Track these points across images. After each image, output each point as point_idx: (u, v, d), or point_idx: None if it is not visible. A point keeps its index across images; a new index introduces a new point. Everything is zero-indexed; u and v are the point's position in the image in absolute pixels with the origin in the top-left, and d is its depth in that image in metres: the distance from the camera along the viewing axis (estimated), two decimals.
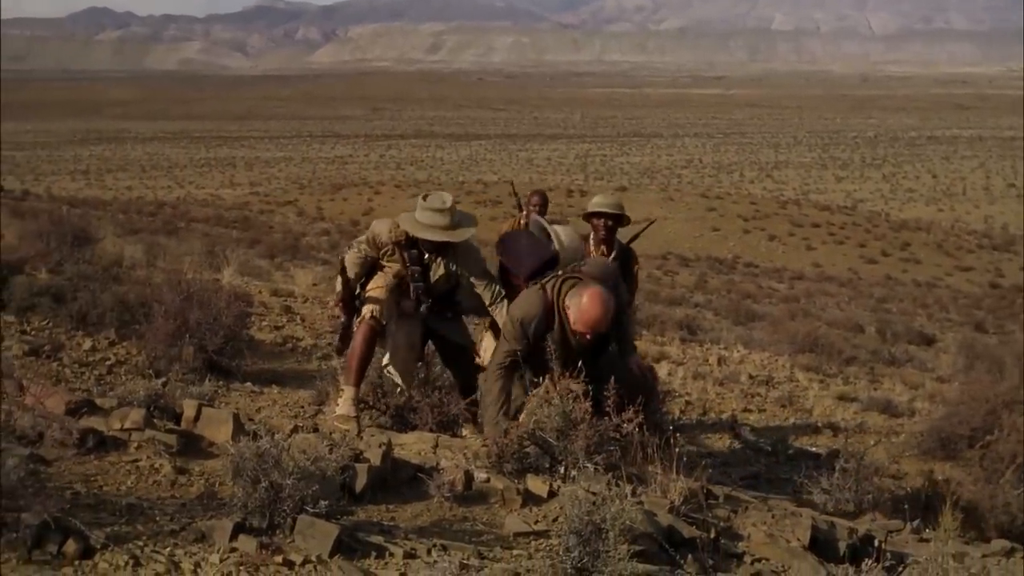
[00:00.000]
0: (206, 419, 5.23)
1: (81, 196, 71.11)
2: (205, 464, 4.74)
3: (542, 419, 5.10)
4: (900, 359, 18.23)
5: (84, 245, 13.45)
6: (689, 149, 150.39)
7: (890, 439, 10.33)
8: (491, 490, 4.78)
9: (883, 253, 65.03)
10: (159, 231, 36.37)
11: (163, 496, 4.27)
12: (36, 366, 7.72)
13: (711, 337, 17.81)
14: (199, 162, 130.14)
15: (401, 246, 6.79)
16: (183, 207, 66.29)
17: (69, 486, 4.11)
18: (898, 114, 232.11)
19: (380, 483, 4.66)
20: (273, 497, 3.91)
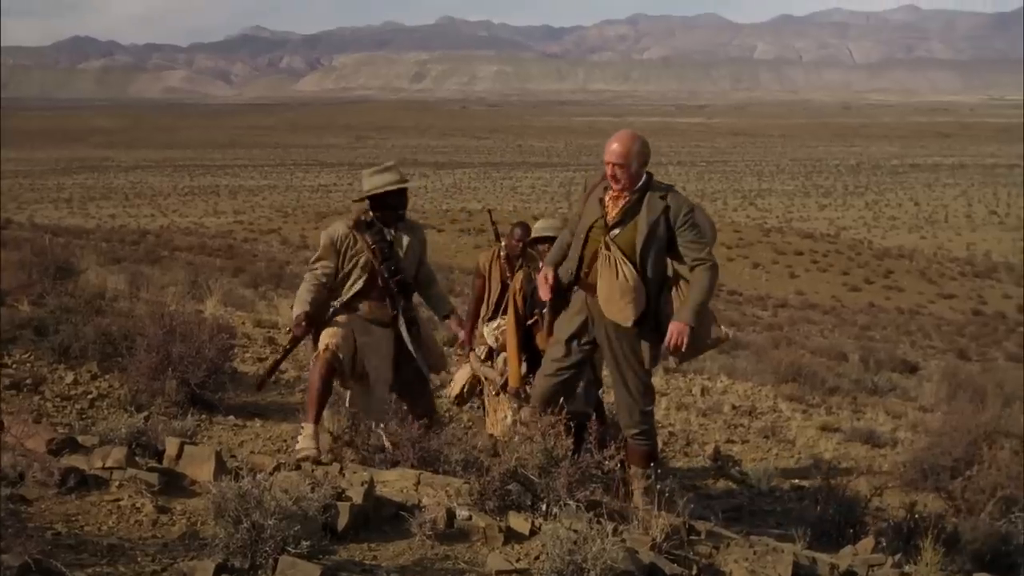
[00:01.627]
0: (188, 457, 5.22)
1: (64, 224, 70.98)
2: (187, 503, 4.74)
3: (524, 456, 5.11)
4: (883, 388, 18.24)
5: (67, 276, 13.42)
6: (673, 177, 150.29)
7: (872, 470, 10.35)
8: (473, 528, 4.79)
9: (866, 280, 65.29)
10: (142, 260, 36.28)
11: (144, 536, 4.27)
12: (18, 400, 7.70)
13: (694, 367, 17.78)
14: (183, 190, 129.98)
15: (361, 230, 7.00)
16: (166, 236, 66.20)
17: (50, 526, 4.11)
18: (880, 142, 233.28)
19: (362, 521, 4.66)
20: (255, 537, 3.91)
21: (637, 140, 6.37)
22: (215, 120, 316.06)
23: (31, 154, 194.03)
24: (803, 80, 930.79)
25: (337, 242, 7.00)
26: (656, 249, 6.30)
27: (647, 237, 6.25)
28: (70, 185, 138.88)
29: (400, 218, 7.13)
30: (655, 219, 6.25)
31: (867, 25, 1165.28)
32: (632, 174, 6.32)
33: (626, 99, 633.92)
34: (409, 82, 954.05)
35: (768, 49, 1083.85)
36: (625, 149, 6.28)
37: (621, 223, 6.32)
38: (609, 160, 6.30)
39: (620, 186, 6.33)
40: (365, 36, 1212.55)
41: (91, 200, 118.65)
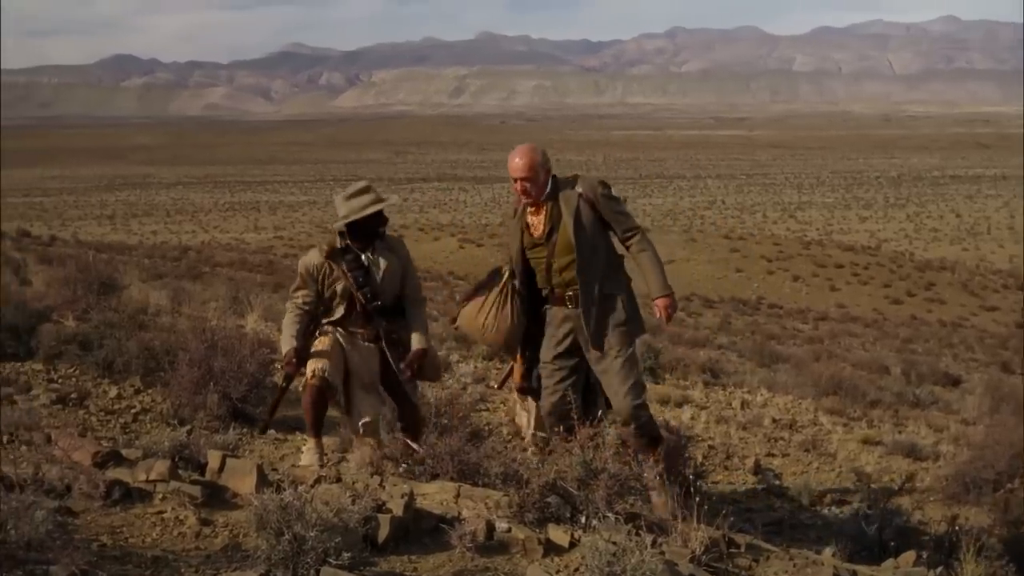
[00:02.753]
0: (230, 470, 5.28)
1: (107, 241, 71.60)
2: (229, 515, 4.80)
3: (563, 469, 5.14)
4: (925, 401, 18.09)
5: (110, 292, 13.60)
6: (712, 190, 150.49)
7: (914, 483, 10.28)
8: (512, 540, 4.81)
9: (908, 293, 64.81)
10: (184, 276, 36.45)
11: (188, 548, 4.33)
12: (63, 415, 7.79)
13: (734, 380, 17.72)
14: (223, 206, 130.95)
15: (335, 259, 6.95)
16: (207, 252, 66.61)
17: (96, 538, 4.17)
18: (921, 153, 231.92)
19: (402, 534, 4.70)
20: (297, 549, 3.96)
21: (538, 151, 6.58)
22: (255, 136, 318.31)
23: (75, 171, 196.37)
24: (843, 92, 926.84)
25: (313, 271, 6.99)
26: (592, 236, 6.51)
27: (576, 229, 6.44)
28: (113, 202, 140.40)
29: (379, 237, 7.06)
30: (575, 209, 6.46)
31: (907, 36, 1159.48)
32: (540, 184, 6.51)
33: (664, 112, 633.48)
34: (448, 97, 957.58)
35: (807, 61, 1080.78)
36: (529, 161, 6.48)
37: (551, 232, 6.54)
38: (517, 176, 6.50)
39: (531, 199, 6.53)
40: (404, 52, 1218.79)
41: (133, 216, 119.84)
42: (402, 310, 7.09)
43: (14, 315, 9.80)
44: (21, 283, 16.64)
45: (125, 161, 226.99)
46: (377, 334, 6.98)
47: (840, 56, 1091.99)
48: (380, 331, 6.96)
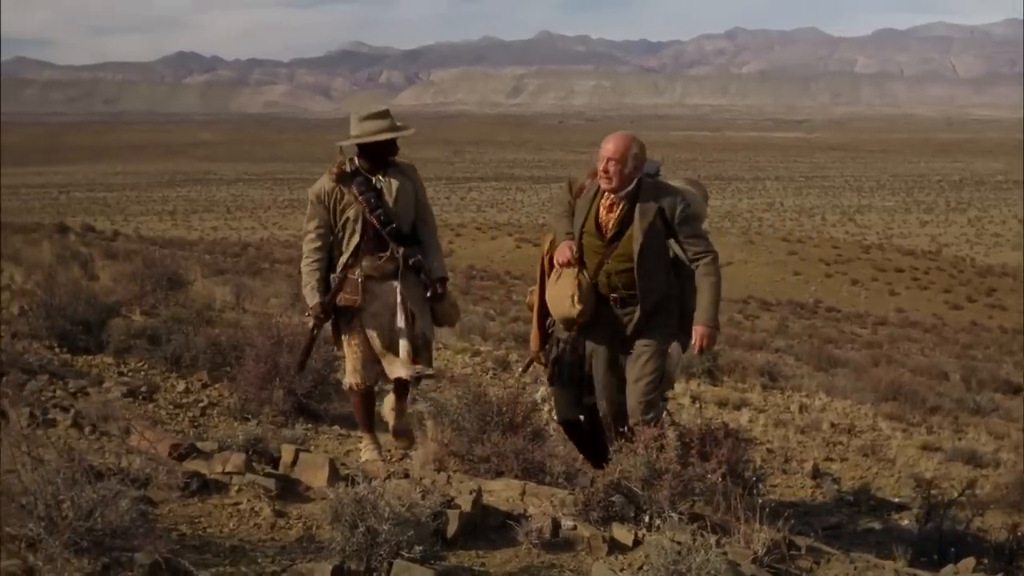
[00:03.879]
0: (303, 464, 5.43)
1: (167, 236, 72.43)
2: (302, 508, 4.93)
3: (627, 468, 5.22)
4: (985, 408, 17.99)
5: (177, 288, 13.82)
6: (770, 192, 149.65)
7: (974, 491, 10.24)
8: (577, 538, 4.90)
9: (968, 299, 64.09)
10: (243, 272, 36.86)
11: (263, 539, 4.47)
12: (134, 407, 7.95)
13: (792, 384, 17.72)
14: (282, 203, 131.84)
15: (345, 182, 6.77)
16: (266, 248, 67.15)
17: (176, 527, 4.32)
18: (984, 158, 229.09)
19: (470, 529, 4.80)
20: (370, 541, 4.08)
21: (635, 142, 6.40)
22: (315, 134, 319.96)
23: (138, 167, 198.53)
24: (905, 95, 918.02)
25: (324, 197, 6.81)
26: (656, 254, 6.37)
27: (643, 245, 6.28)
28: (174, 197, 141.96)
29: (390, 164, 6.89)
30: (649, 223, 6.30)
31: (970, 39, 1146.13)
32: (625, 175, 6.31)
33: (724, 113, 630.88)
34: (506, 96, 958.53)
35: (869, 63, 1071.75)
36: (622, 146, 6.31)
37: (618, 235, 6.36)
38: (604, 155, 6.31)
39: (611, 184, 6.32)
40: (463, 51, 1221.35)
41: (194, 212, 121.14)
42: (418, 239, 6.94)
43: (86, 310, 9.98)
44: (89, 278, 16.92)
45: (186, 157, 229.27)
46: (396, 267, 6.79)
47: (902, 58, 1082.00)
48: (398, 260, 6.76)
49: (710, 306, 6.34)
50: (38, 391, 7.46)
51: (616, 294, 6.41)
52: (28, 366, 7.72)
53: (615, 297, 6.42)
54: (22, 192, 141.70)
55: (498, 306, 36.42)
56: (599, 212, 6.41)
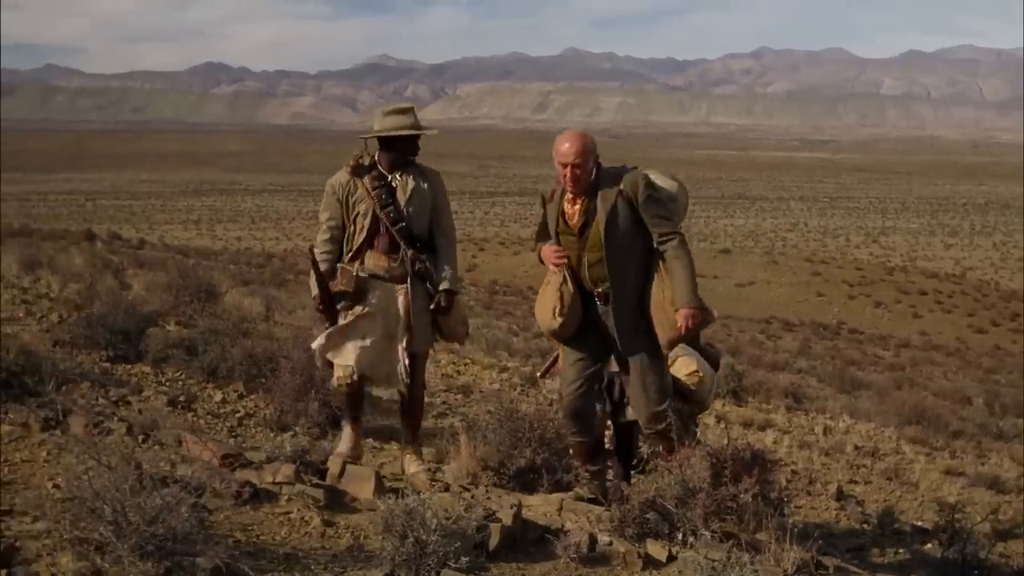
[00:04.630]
0: (350, 476, 5.63)
1: (192, 245, 72.81)
2: (350, 518, 5.12)
3: (662, 487, 5.38)
4: (1008, 434, 18.05)
5: (210, 299, 14.03)
6: (795, 213, 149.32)
7: (998, 516, 10.34)
8: (613, 553, 5.06)
9: (992, 323, 63.83)
10: (268, 283, 37.07)
11: (315, 547, 4.65)
12: (173, 417, 8.13)
13: (816, 406, 17.84)
14: (307, 215, 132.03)
15: (360, 175, 6.71)
16: (290, 259, 67.43)
17: (231, 534, 4.49)
18: (1010, 181, 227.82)
19: (511, 542, 4.96)
20: (419, 552, 4.27)
21: (588, 137, 6.32)
22: (341, 146, 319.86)
23: (163, 176, 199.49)
24: (931, 117, 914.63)
25: (338, 189, 6.75)
26: (627, 236, 6.22)
27: (608, 230, 6.16)
28: (199, 207, 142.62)
29: (409, 163, 6.78)
30: (611, 207, 6.18)
31: (997, 62, 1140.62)
32: (589, 172, 6.22)
33: (749, 133, 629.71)
34: (532, 112, 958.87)
35: (895, 85, 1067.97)
36: (580, 146, 6.21)
37: (585, 225, 6.27)
38: (567, 162, 6.19)
39: (578, 187, 6.24)
40: (490, 66, 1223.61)
41: (219, 222, 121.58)
42: (433, 246, 6.82)
43: (125, 319, 10.16)
44: (121, 287, 17.12)
45: (213, 167, 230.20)
46: (404, 271, 6.68)
47: (929, 80, 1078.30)
48: (406, 262, 6.66)
49: (686, 287, 6.17)
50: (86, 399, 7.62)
51: (600, 288, 6.30)
52: (71, 375, 7.86)
53: (599, 292, 6.31)
54: (49, 198, 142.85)
55: (521, 321, 36.51)
56: (565, 210, 6.36)
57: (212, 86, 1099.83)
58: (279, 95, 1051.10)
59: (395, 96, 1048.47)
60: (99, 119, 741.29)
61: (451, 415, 10.76)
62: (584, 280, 6.33)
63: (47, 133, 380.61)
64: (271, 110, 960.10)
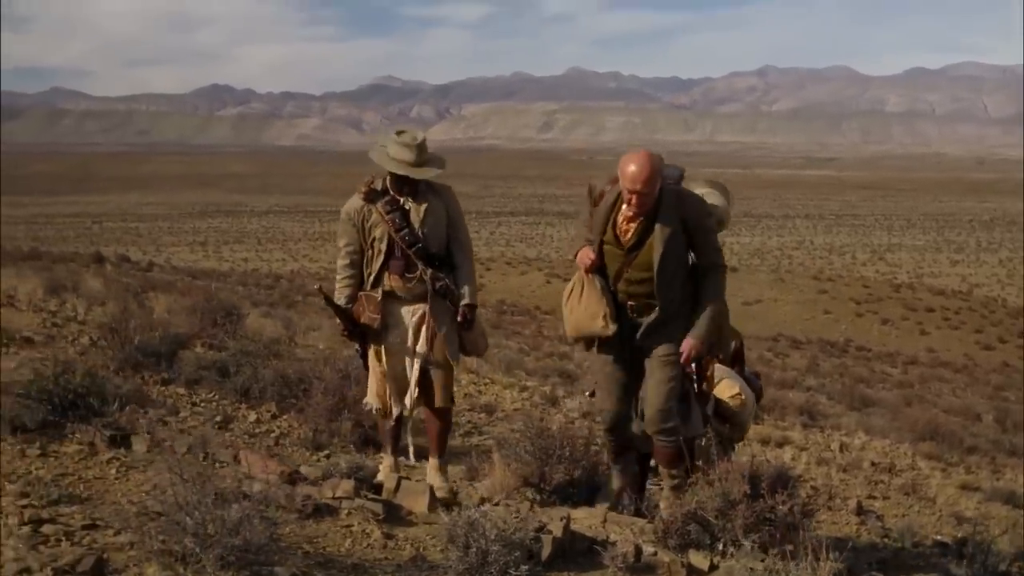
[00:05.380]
0: (405, 491, 5.88)
1: (199, 267, 73.11)
2: (408, 531, 5.37)
3: (703, 499, 5.60)
4: (1021, 450, 18.24)
5: (233, 321, 14.25)
6: (800, 230, 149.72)
7: (1015, 531, 10.52)
8: (658, 563, 5.29)
9: (1000, 339, 63.94)
10: (278, 304, 37.27)
11: (379, 558, 4.89)
12: (216, 437, 8.34)
13: (831, 423, 18.05)
14: (313, 236, 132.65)
15: (373, 200, 6.74)
16: (299, 280, 67.71)
17: (299, 546, 4.72)
18: (1015, 197, 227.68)
19: (561, 553, 5.19)
20: (481, 561, 4.51)
21: (656, 160, 6.05)
22: (346, 167, 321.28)
23: (169, 198, 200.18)
24: (935, 134, 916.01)
25: (353, 216, 6.81)
26: (675, 262, 6.13)
27: (663, 255, 6.04)
28: (205, 228, 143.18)
29: (418, 187, 6.78)
30: (670, 234, 6.05)
31: (1002, 79, 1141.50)
32: (654, 196, 6.04)
33: (754, 151, 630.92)
34: (537, 132, 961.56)
35: (900, 102, 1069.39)
36: (650, 173, 5.95)
37: (638, 244, 6.11)
38: (634, 189, 5.97)
39: (641, 211, 6.06)
40: (494, 86, 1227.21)
41: (225, 244, 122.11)
42: (451, 263, 6.87)
43: (159, 342, 10.39)
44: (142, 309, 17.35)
45: (218, 189, 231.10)
46: (423, 290, 6.74)
47: (933, 98, 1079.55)
48: (426, 282, 6.71)
49: (706, 321, 6.17)
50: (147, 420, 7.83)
51: (633, 302, 6.21)
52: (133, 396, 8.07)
53: (632, 305, 6.22)
54: (56, 221, 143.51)
55: (530, 341, 36.75)
56: (618, 222, 6.17)
57: (217, 108, 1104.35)
58: (284, 116, 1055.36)
59: (400, 117, 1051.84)
60: (105, 141, 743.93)
61: (477, 434, 10.97)
62: (617, 291, 6.23)
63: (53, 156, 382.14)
64: (276, 131, 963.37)
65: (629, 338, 6.27)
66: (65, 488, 5.35)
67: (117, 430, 6.38)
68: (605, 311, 6.16)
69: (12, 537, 4.40)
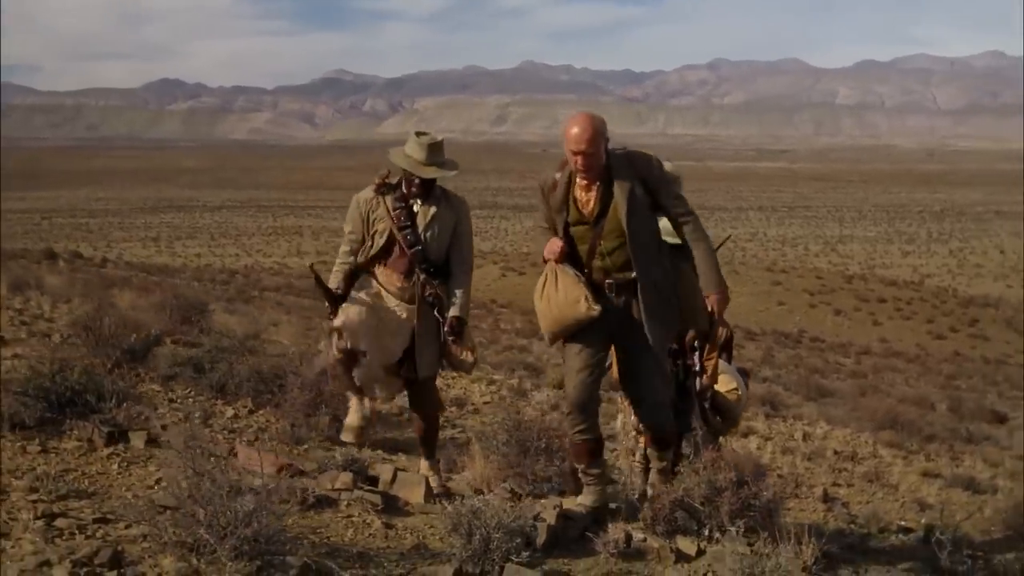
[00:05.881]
0: (401, 482, 6.05)
1: (152, 263, 72.67)
2: (406, 520, 5.56)
3: (690, 487, 5.78)
4: (977, 437, 18.60)
5: (204, 317, 14.30)
6: (753, 223, 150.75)
7: (975, 516, 10.78)
8: (648, 548, 5.49)
9: (951, 329, 64.78)
10: (235, 299, 37.17)
11: (381, 547, 5.06)
12: (204, 432, 8.42)
13: (794, 413, 18.32)
14: (266, 230, 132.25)
15: (384, 193, 6.67)
16: (254, 276, 67.48)
17: (304, 536, 4.86)
18: (964, 188, 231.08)
19: (554, 540, 5.41)
20: (484, 548, 4.67)
21: (598, 119, 5.95)
22: (299, 161, 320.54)
23: (120, 193, 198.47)
24: (886, 126, 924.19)
25: (362, 205, 6.76)
26: (644, 220, 5.94)
27: (629, 211, 5.86)
28: (157, 224, 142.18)
29: (431, 191, 6.72)
30: (630, 191, 5.89)
31: (951, 71, 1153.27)
32: (601, 157, 5.89)
33: (706, 144, 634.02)
34: (490, 125, 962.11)
35: (850, 94, 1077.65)
36: (592, 132, 5.83)
37: (603, 211, 5.92)
38: (577, 150, 5.83)
39: (592, 174, 5.91)
40: (447, 79, 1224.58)
41: (177, 239, 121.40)
42: (447, 274, 6.74)
43: (134, 339, 10.44)
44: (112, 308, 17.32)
45: (170, 184, 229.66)
46: (413, 294, 6.63)
47: (883, 90, 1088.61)
48: (419, 284, 6.61)
49: (713, 271, 6.02)
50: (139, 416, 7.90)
51: (611, 279, 5.98)
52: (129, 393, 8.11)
53: (610, 283, 5.98)
54: (5, 217, 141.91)
55: (488, 334, 36.83)
56: (577, 197, 6.00)
57: (168, 102, 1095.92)
58: (236, 111, 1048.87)
59: (353, 111, 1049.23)
60: (53, 136, 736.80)
61: (450, 427, 11.11)
62: (593, 270, 6.00)
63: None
64: (228, 126, 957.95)
65: (608, 324, 5.99)
66: (70, 483, 5.48)
67: (114, 426, 6.49)
68: (585, 293, 5.90)
69: (28, 531, 4.52)
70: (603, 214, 5.92)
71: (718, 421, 7.07)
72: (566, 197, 6.00)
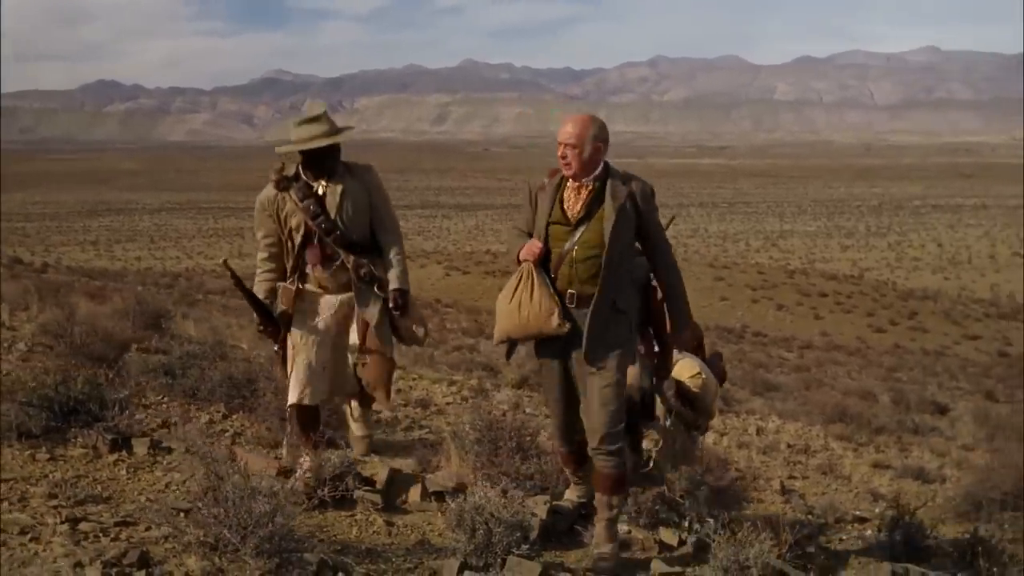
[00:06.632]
0: (398, 482, 6.29)
1: (91, 267, 71.98)
2: (405, 518, 5.86)
3: (671, 482, 6.11)
4: (923, 428, 19.04)
5: (165, 323, 14.40)
6: (694, 219, 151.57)
7: (927, 504, 11.16)
8: (633, 539, 5.84)
9: (891, 322, 65.66)
10: (179, 302, 36.92)
11: (387, 543, 5.35)
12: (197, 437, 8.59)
13: (745, 408, 18.66)
14: (207, 232, 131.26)
15: (286, 187, 6.35)
16: (197, 279, 67.05)
17: (313, 535, 5.11)
18: (902, 183, 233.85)
19: (545, 533, 5.73)
20: (487, 542, 4.95)
21: (594, 123, 5.89)
22: (238, 162, 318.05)
23: (57, 196, 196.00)
24: (824, 121, 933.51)
25: (268, 206, 6.44)
26: (625, 237, 5.80)
27: (615, 224, 5.72)
28: (96, 227, 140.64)
29: (335, 167, 6.43)
30: (621, 204, 5.75)
31: (887, 67, 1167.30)
32: (584, 159, 5.80)
33: (646, 141, 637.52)
34: (431, 124, 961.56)
35: (789, 90, 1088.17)
36: (580, 129, 5.81)
37: (587, 216, 5.80)
38: (561, 139, 5.84)
39: (571, 170, 5.81)
40: (387, 79, 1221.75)
41: (117, 242, 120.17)
42: (378, 248, 6.52)
43: (103, 347, 10.57)
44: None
45: (108, 187, 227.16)
46: (346, 280, 6.41)
47: (821, 86, 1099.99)
48: (348, 268, 6.36)
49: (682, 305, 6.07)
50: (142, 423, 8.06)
51: (573, 290, 5.78)
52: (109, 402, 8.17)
53: (571, 294, 5.78)
54: None
55: (436, 335, 36.96)
56: (565, 198, 5.88)
57: (105, 104, 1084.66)
58: (174, 112, 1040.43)
59: (292, 111, 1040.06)
60: None
61: (417, 428, 11.31)
62: (559, 277, 5.84)
63: None
64: (166, 127, 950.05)
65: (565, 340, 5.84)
66: (85, 489, 5.70)
67: (117, 434, 6.69)
68: (558, 308, 5.74)
69: (57, 535, 4.74)
70: (586, 218, 5.79)
71: (689, 412, 6.71)
72: (555, 196, 5.90)
